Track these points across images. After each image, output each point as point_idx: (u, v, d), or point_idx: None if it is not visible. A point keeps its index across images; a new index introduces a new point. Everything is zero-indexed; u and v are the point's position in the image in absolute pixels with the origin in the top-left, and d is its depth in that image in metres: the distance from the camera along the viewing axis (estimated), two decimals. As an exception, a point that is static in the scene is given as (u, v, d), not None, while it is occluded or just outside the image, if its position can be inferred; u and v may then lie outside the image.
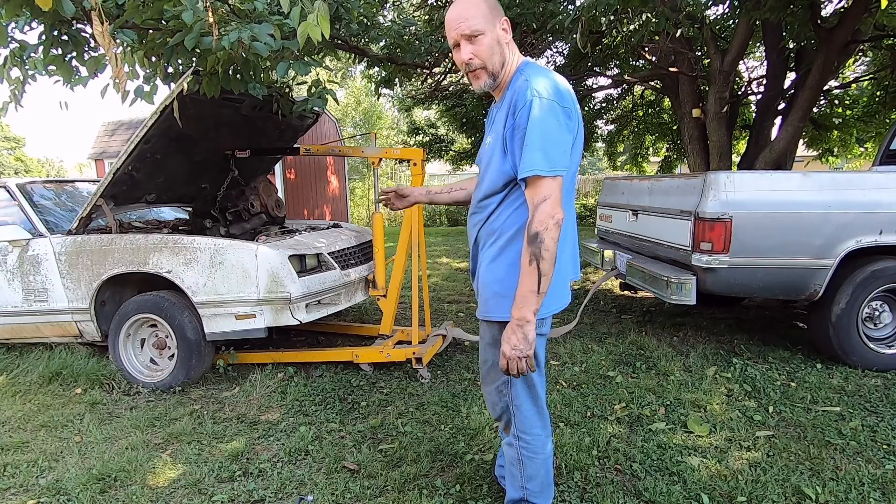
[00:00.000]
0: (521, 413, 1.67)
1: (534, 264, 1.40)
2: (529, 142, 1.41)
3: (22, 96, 2.95)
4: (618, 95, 11.05)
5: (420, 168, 3.45)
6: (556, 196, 1.41)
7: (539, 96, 1.42)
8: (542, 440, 1.71)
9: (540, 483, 1.74)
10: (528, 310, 1.42)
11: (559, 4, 5.70)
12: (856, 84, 8.89)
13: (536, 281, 1.40)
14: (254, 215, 4.29)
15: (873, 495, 2.04)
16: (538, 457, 1.70)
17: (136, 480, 2.31)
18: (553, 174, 1.41)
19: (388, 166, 18.81)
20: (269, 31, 2.46)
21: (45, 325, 3.62)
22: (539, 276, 1.40)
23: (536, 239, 1.39)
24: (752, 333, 4.03)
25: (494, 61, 1.52)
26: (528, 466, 1.71)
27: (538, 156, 1.39)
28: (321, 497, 2.15)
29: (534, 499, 1.76)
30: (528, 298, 1.42)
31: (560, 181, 1.43)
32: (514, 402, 1.67)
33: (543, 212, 1.40)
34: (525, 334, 1.43)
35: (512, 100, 1.49)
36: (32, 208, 3.68)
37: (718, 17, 7.20)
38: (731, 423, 2.63)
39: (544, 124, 1.41)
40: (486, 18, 1.48)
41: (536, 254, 1.39)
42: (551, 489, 1.81)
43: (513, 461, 1.74)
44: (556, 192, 1.41)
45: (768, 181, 3.15)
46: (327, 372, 3.48)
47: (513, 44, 1.56)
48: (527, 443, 1.69)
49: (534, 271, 1.40)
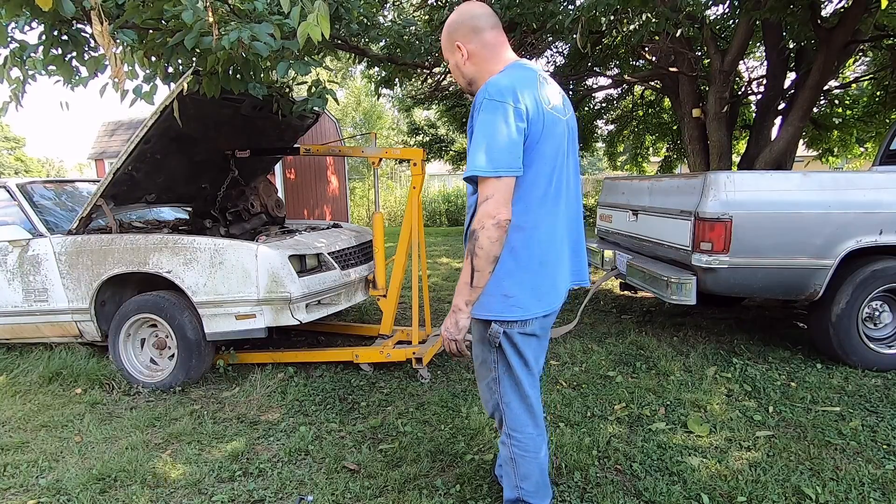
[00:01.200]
0: (511, 410, 1.69)
1: (468, 259, 1.46)
2: (473, 142, 1.47)
3: (22, 96, 2.95)
4: (618, 95, 11.05)
5: (420, 168, 3.45)
6: (500, 196, 1.43)
7: (488, 97, 1.45)
8: (533, 439, 1.71)
9: (535, 483, 1.74)
10: (460, 299, 1.49)
11: (559, 4, 5.70)
12: (856, 84, 8.89)
13: (469, 274, 1.46)
14: (254, 215, 4.29)
15: (873, 495, 2.04)
16: (529, 455, 1.71)
17: (136, 480, 2.31)
18: (496, 174, 1.42)
19: (388, 166, 18.81)
20: (268, 30, 2.46)
21: (45, 325, 3.62)
22: (472, 271, 1.45)
23: (472, 236, 1.45)
24: (752, 333, 4.03)
25: (461, 81, 1.70)
26: (520, 465, 1.72)
27: (480, 156, 1.43)
28: (321, 497, 2.15)
29: (529, 499, 1.75)
30: (461, 289, 1.49)
31: (507, 181, 1.44)
32: (503, 399, 1.69)
33: (482, 211, 1.44)
34: (456, 320, 1.50)
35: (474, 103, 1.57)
36: (32, 208, 3.68)
37: (718, 17, 7.20)
38: (731, 423, 2.63)
39: (487, 125, 1.44)
40: (447, 49, 1.68)
41: (471, 249, 1.45)
42: (548, 490, 1.80)
43: (506, 460, 1.75)
44: (501, 192, 1.43)
45: (768, 181, 3.15)
46: (327, 372, 3.48)
47: (480, 57, 1.62)
48: (518, 441, 1.70)
49: (468, 265, 1.47)
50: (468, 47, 1.61)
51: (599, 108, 11.18)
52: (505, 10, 5.48)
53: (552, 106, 1.55)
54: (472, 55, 1.61)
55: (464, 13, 1.63)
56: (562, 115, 1.61)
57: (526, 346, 1.63)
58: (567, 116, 1.66)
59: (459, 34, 1.62)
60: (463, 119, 10.33)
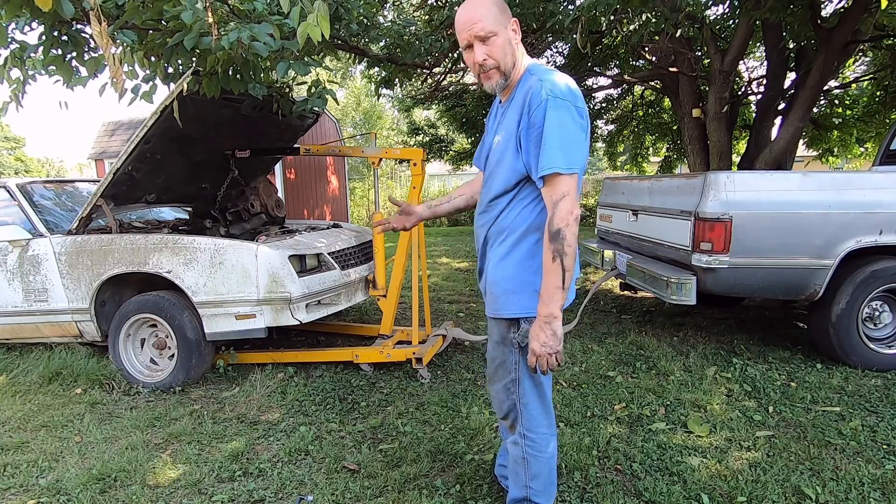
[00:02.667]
0: (528, 411, 1.68)
1: (557, 261, 1.42)
2: (548, 140, 1.44)
3: (22, 96, 2.95)
4: (618, 95, 11.04)
5: (420, 168, 3.45)
6: (574, 193, 1.44)
7: (554, 96, 1.45)
8: (546, 439, 1.72)
9: (543, 482, 1.75)
10: (555, 306, 1.44)
11: (559, 4, 5.70)
12: (856, 84, 8.89)
13: (561, 277, 1.42)
14: (254, 215, 4.29)
15: (873, 495, 2.04)
16: (543, 455, 1.71)
17: (136, 480, 2.31)
18: (571, 171, 1.44)
19: (388, 166, 18.81)
20: (268, 31, 2.46)
21: (45, 325, 3.63)
22: (563, 272, 1.42)
23: (559, 235, 1.41)
24: (752, 333, 4.03)
25: (507, 61, 1.55)
26: (532, 465, 1.72)
27: (557, 154, 1.42)
28: (321, 497, 2.15)
29: (536, 498, 1.76)
30: (553, 295, 1.44)
31: (576, 178, 1.46)
32: (521, 401, 1.67)
33: (563, 208, 1.42)
34: (554, 330, 1.45)
35: (525, 99, 1.51)
36: (32, 208, 3.68)
37: (718, 17, 7.19)
38: (731, 423, 2.63)
39: (562, 123, 1.44)
40: (497, 20, 1.51)
41: (560, 250, 1.41)
42: (553, 488, 1.81)
43: (517, 460, 1.74)
44: (574, 188, 1.44)
45: (768, 181, 3.15)
46: (327, 372, 3.48)
47: (522, 45, 1.59)
48: (532, 441, 1.70)
49: (558, 268, 1.42)
50: (517, 26, 1.55)
51: (599, 108, 11.17)
52: (505, 10, 5.47)
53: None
54: (519, 41, 1.57)
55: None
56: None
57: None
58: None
59: (510, 14, 1.55)
60: (463, 119, 10.32)
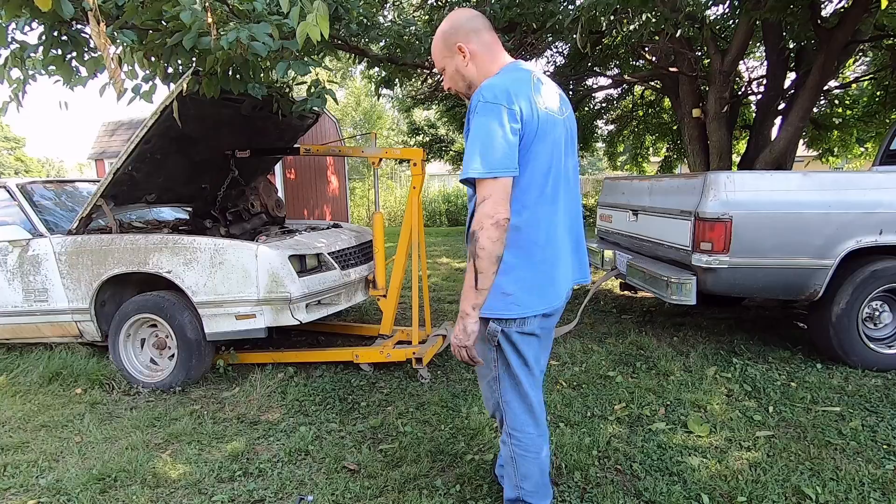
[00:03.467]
0: (511, 410, 1.70)
1: (470, 262, 1.46)
2: (469, 145, 1.48)
3: (22, 96, 2.95)
4: (618, 95, 11.04)
5: (420, 168, 3.45)
6: (497, 196, 1.44)
7: (482, 100, 1.47)
8: (533, 439, 1.72)
9: (535, 483, 1.75)
10: (466, 303, 1.48)
11: (559, 4, 5.70)
12: (856, 84, 8.89)
13: (473, 277, 1.46)
14: (254, 215, 4.29)
15: (873, 495, 2.04)
16: (530, 455, 1.71)
17: (136, 480, 2.31)
18: (492, 175, 1.44)
19: (388, 166, 18.81)
20: (267, 31, 2.46)
21: (45, 325, 3.63)
22: (475, 273, 1.45)
23: (473, 237, 1.45)
24: (752, 333, 4.03)
25: (460, 86, 1.69)
26: (521, 465, 1.72)
27: (476, 158, 1.45)
28: (321, 497, 2.15)
29: (529, 499, 1.76)
30: (466, 293, 1.48)
31: (503, 182, 1.45)
32: (503, 398, 1.70)
33: (480, 212, 1.45)
34: (464, 326, 1.49)
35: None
36: (32, 208, 3.68)
37: (718, 17, 7.19)
38: (731, 423, 2.63)
39: (482, 127, 1.46)
40: (441, 54, 1.66)
41: (472, 251, 1.45)
42: (548, 490, 1.81)
43: (507, 459, 1.75)
44: (498, 192, 1.44)
45: (768, 181, 3.15)
46: (327, 372, 3.48)
47: (481, 57, 1.63)
48: (518, 440, 1.71)
49: (471, 268, 1.46)
50: (470, 47, 1.61)
51: (599, 108, 11.18)
52: (505, 10, 5.48)
53: (546, 106, 1.55)
54: (474, 55, 1.62)
55: (459, 17, 1.65)
56: (558, 115, 1.60)
57: (525, 345, 1.63)
58: (564, 116, 1.65)
59: (460, 35, 1.62)
60: (462, 119, 10.33)
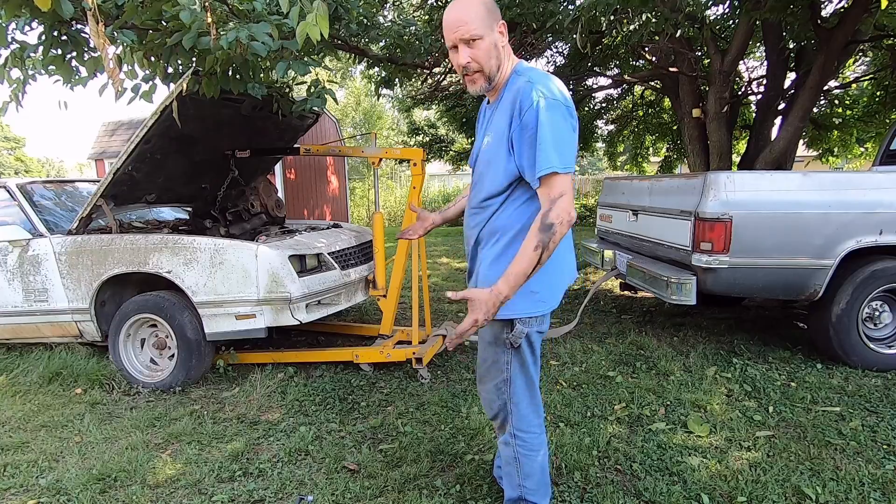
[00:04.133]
0: (519, 411, 1.69)
1: (538, 251, 1.42)
2: (543, 141, 1.44)
3: (22, 96, 2.95)
4: (618, 95, 11.03)
5: (420, 168, 3.45)
6: (571, 193, 1.46)
7: (545, 97, 1.45)
8: (538, 437, 1.73)
9: (537, 481, 1.76)
10: (508, 287, 1.44)
11: (559, 4, 5.70)
12: (856, 84, 8.89)
13: (534, 266, 1.43)
14: (254, 215, 4.29)
15: (873, 495, 2.04)
16: (534, 454, 1.72)
17: (136, 480, 2.31)
18: (566, 171, 1.45)
19: (388, 166, 18.81)
20: (266, 30, 2.46)
21: (45, 325, 3.63)
22: (537, 263, 1.43)
23: (550, 229, 1.42)
24: (752, 333, 4.02)
25: (491, 65, 1.54)
26: (524, 465, 1.72)
27: (553, 154, 1.43)
28: (321, 497, 2.15)
29: (531, 497, 1.77)
30: (518, 276, 1.44)
31: (571, 178, 1.47)
32: (511, 400, 1.68)
33: (561, 206, 1.43)
34: (496, 303, 1.44)
35: (515, 101, 1.50)
36: (32, 208, 3.68)
37: (718, 17, 7.19)
38: (731, 423, 2.63)
39: (554, 124, 1.45)
40: (484, 22, 1.50)
41: (545, 242, 1.42)
42: (548, 488, 1.82)
43: (510, 460, 1.75)
44: (571, 189, 1.46)
45: (768, 181, 3.15)
46: (327, 372, 3.48)
47: (508, 46, 1.59)
48: (524, 441, 1.71)
49: (535, 257, 1.42)
50: (504, 29, 1.55)
51: (599, 108, 11.16)
52: (505, 10, 5.48)
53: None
54: (507, 43, 1.58)
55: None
56: None
57: (538, 342, 1.66)
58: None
59: (499, 16, 1.54)
60: (463, 119, 10.32)
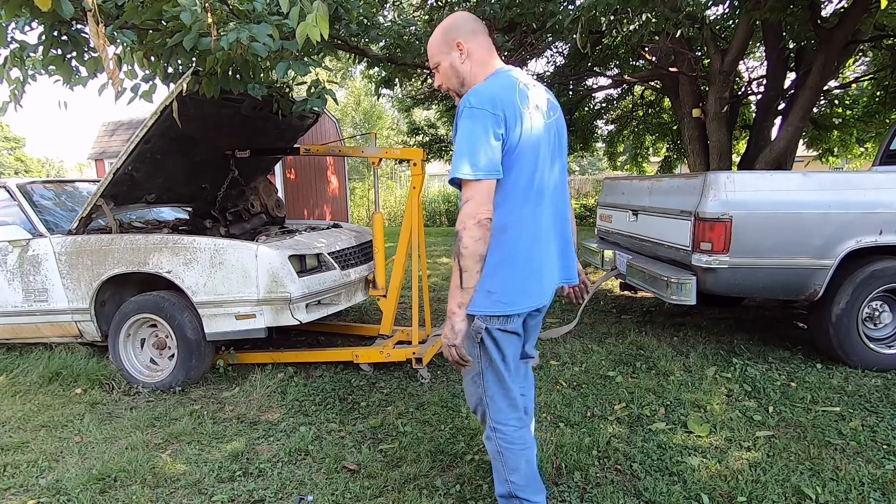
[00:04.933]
0: (494, 403, 1.73)
1: (455, 260, 1.51)
2: (456, 148, 1.54)
3: (22, 96, 2.95)
4: (618, 95, 11.03)
5: (420, 168, 3.45)
6: (480, 197, 1.49)
7: (466, 105, 1.53)
8: (517, 430, 1.74)
9: (523, 476, 1.75)
10: (452, 302, 1.53)
11: (559, 4, 5.70)
12: (856, 84, 8.89)
13: (458, 276, 1.50)
14: (254, 215, 4.29)
15: (873, 495, 2.04)
16: (515, 447, 1.74)
17: (136, 480, 2.31)
18: (475, 178, 1.49)
19: (388, 166, 18.80)
20: (267, 31, 2.46)
21: (45, 325, 3.62)
22: (460, 272, 1.50)
23: (457, 237, 1.50)
24: (752, 333, 4.03)
25: (452, 83, 1.72)
26: (508, 458, 1.75)
27: (461, 161, 1.50)
28: (321, 497, 2.15)
29: (520, 492, 1.76)
30: (452, 292, 1.53)
31: (487, 184, 1.51)
32: (486, 393, 1.73)
33: (463, 212, 1.50)
34: (452, 325, 1.53)
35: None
36: (32, 208, 3.68)
37: (718, 17, 7.19)
38: (731, 423, 2.63)
39: (468, 131, 1.51)
40: (440, 49, 1.68)
41: (456, 251, 1.50)
42: (539, 485, 1.80)
43: (494, 455, 1.78)
44: (481, 193, 1.50)
45: (768, 181, 3.15)
46: (327, 372, 3.48)
47: (477, 58, 1.68)
48: (503, 434, 1.73)
49: (455, 267, 1.51)
50: (468, 45, 1.66)
51: (599, 108, 11.16)
52: (505, 10, 5.48)
53: (532, 112, 1.59)
54: (471, 54, 1.67)
55: (460, 17, 1.71)
56: (544, 120, 1.65)
57: (506, 343, 1.67)
58: (550, 119, 1.69)
59: (460, 33, 1.66)
60: (460, 120, 10.33)
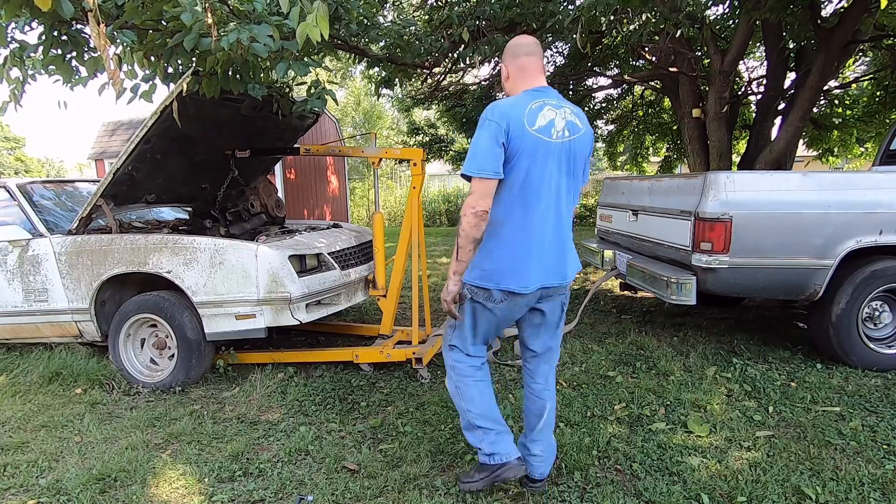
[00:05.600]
0: (455, 350, 2.10)
1: (456, 237, 1.90)
2: (470, 149, 1.89)
3: (22, 96, 2.94)
4: (618, 95, 11.03)
5: (420, 168, 3.45)
6: (480, 192, 1.84)
7: (485, 116, 1.86)
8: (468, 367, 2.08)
9: (480, 407, 2.04)
10: (450, 269, 1.97)
11: (559, 4, 5.70)
12: (856, 84, 8.89)
13: (455, 249, 1.92)
14: (254, 215, 4.29)
15: (873, 495, 2.04)
16: (468, 377, 2.07)
17: (136, 480, 2.31)
18: (476, 175, 1.84)
19: (388, 166, 18.80)
20: (267, 31, 2.46)
21: (45, 325, 3.62)
22: (457, 247, 1.90)
23: (460, 220, 1.88)
24: (752, 333, 4.03)
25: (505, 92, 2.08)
26: (463, 389, 2.07)
27: (471, 161, 1.85)
28: (321, 497, 2.15)
29: (478, 421, 2.03)
30: (451, 262, 1.95)
31: (488, 182, 1.84)
32: (451, 341, 2.12)
33: (466, 202, 1.87)
34: (447, 286, 1.96)
35: None
36: (32, 208, 3.68)
37: (718, 17, 7.19)
38: (731, 423, 2.63)
39: (480, 137, 1.85)
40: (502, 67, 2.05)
41: (457, 231, 1.89)
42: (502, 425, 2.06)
43: (453, 393, 2.12)
44: (481, 189, 1.84)
45: (768, 181, 3.15)
46: (327, 372, 3.48)
47: (512, 80, 2.00)
48: (458, 370, 2.08)
49: (455, 243, 1.91)
50: (508, 68, 2.01)
51: (599, 108, 11.16)
52: (505, 10, 5.48)
53: (537, 129, 1.85)
54: (509, 76, 2.01)
55: (512, 42, 2.03)
56: (552, 139, 1.88)
57: (482, 318, 2.01)
58: (565, 138, 1.91)
59: (505, 56, 2.02)
60: (463, 119, 10.33)
